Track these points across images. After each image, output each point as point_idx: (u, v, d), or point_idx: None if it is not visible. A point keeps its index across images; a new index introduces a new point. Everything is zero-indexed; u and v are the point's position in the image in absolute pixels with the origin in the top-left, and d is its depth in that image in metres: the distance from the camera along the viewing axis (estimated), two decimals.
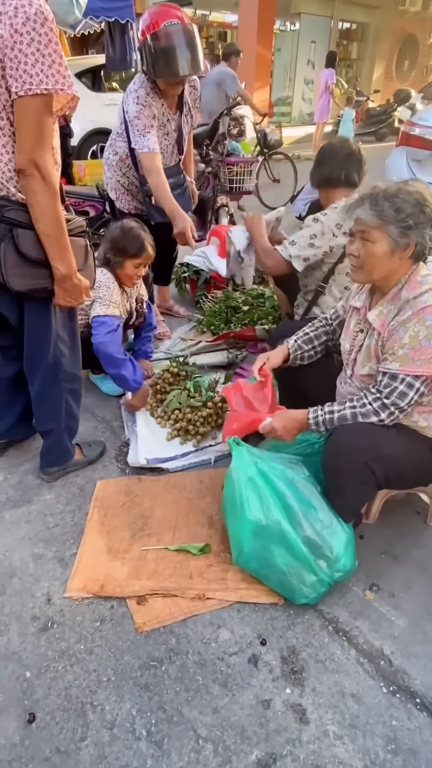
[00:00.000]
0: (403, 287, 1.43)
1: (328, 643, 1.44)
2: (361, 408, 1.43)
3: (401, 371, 1.38)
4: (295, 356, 1.79)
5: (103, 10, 6.17)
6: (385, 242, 1.37)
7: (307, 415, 1.52)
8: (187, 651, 1.41)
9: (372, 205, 1.36)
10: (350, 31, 14.18)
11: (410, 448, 1.48)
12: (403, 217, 1.33)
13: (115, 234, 2.25)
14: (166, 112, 2.48)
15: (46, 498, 1.93)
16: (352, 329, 1.62)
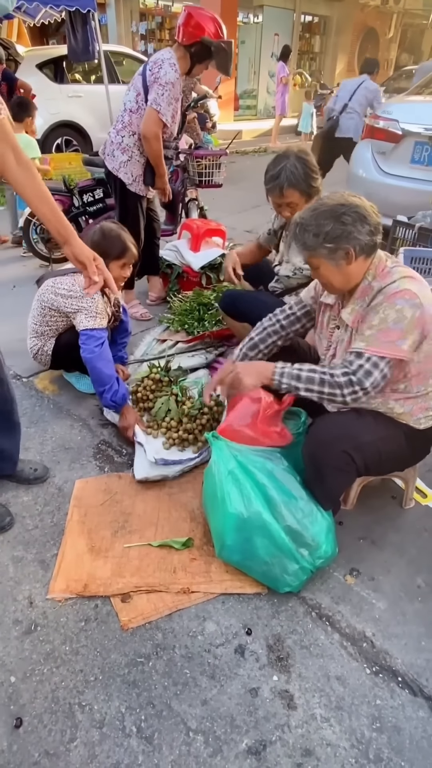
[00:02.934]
0: (372, 280, 1.47)
1: (312, 629, 1.47)
2: (330, 377, 1.44)
3: (366, 350, 1.41)
4: (259, 350, 1.81)
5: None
6: (324, 263, 1.46)
7: (275, 364, 1.53)
8: (174, 645, 1.41)
9: (296, 241, 1.48)
10: (312, 24, 14.26)
11: (387, 434, 1.51)
12: (322, 239, 1.41)
13: (95, 238, 2.20)
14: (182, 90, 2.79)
15: (24, 500, 1.89)
16: (327, 326, 1.65)
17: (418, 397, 1.51)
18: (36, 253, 4.08)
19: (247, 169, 7.25)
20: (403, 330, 1.38)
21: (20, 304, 2.49)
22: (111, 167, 2.88)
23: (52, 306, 2.24)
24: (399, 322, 1.38)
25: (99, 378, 2.10)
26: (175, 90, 2.62)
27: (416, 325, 1.38)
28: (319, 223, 1.40)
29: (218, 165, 4.16)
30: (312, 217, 1.42)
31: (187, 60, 2.68)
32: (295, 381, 1.49)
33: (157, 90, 2.61)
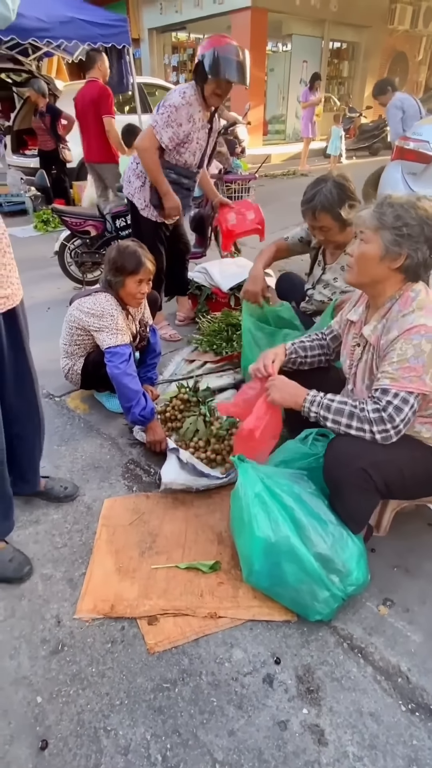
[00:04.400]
0: (395, 303, 1.45)
1: (344, 661, 1.42)
2: (360, 412, 1.41)
3: (393, 386, 1.38)
4: (290, 359, 1.80)
5: (100, 36, 6.31)
6: (377, 245, 1.41)
7: (307, 391, 1.52)
8: (201, 672, 1.39)
9: (376, 208, 1.42)
10: (341, 51, 14.48)
11: (411, 455, 1.47)
12: (399, 225, 1.37)
13: (111, 255, 2.26)
14: (203, 118, 2.72)
15: (54, 518, 1.91)
16: (350, 343, 1.63)
17: None
18: (70, 276, 4.21)
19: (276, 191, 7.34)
20: (425, 364, 1.36)
21: (54, 326, 2.57)
22: (127, 192, 2.98)
23: (78, 325, 2.30)
24: (418, 357, 1.36)
25: (125, 393, 2.13)
26: (177, 114, 2.57)
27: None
28: (408, 211, 1.37)
29: (247, 189, 4.23)
30: (405, 203, 1.39)
31: (200, 91, 2.63)
32: (325, 411, 1.46)
33: (158, 110, 2.63)
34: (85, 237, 3.99)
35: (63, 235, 4.09)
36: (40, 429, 1.81)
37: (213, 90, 2.61)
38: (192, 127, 2.66)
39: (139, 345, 2.53)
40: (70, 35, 6.06)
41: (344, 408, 1.44)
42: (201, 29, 12.65)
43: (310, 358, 1.82)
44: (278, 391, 1.57)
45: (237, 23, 11.10)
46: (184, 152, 2.74)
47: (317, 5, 11.91)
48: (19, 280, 1.57)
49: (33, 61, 7.17)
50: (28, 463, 1.84)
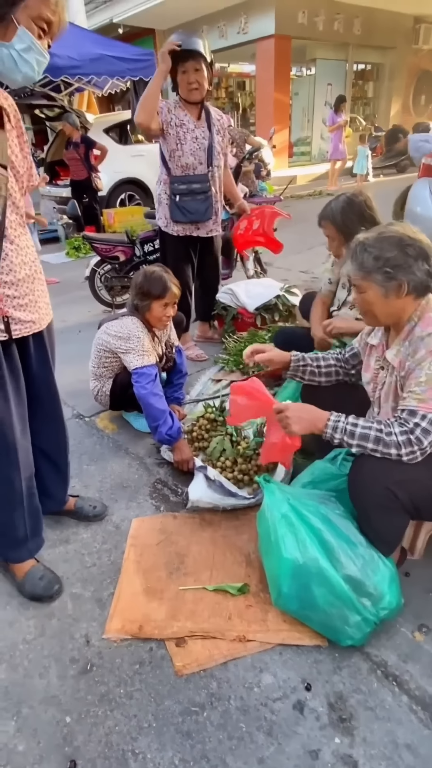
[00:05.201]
0: (416, 324, 1.43)
1: (378, 689, 1.37)
2: (387, 436, 1.37)
3: (420, 408, 1.35)
4: (297, 367, 1.77)
5: (129, 70, 6.61)
6: (375, 290, 1.41)
7: (328, 415, 1.45)
8: (229, 696, 1.36)
9: (353, 259, 1.43)
10: (365, 72, 14.62)
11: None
12: (382, 263, 1.37)
13: (138, 280, 2.33)
14: (191, 119, 2.85)
15: (83, 537, 1.94)
16: (373, 367, 1.61)
17: None
18: (100, 300, 4.34)
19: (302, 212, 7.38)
20: None
21: (85, 348, 2.64)
22: (156, 217, 3.12)
23: (106, 348, 2.37)
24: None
25: (152, 413, 2.16)
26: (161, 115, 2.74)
27: None
28: (382, 247, 1.37)
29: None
30: (376, 240, 1.39)
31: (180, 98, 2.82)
32: (348, 437, 1.41)
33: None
34: (115, 262, 4.11)
35: (93, 261, 4.22)
36: (65, 445, 1.86)
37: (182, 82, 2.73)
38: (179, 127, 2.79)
39: (166, 366, 2.57)
40: (100, 71, 6.37)
41: (369, 433, 1.38)
42: (226, 58, 13.03)
43: (324, 369, 1.78)
44: (296, 421, 1.47)
45: (261, 51, 11.40)
46: (182, 155, 2.83)
47: (340, 30, 12.12)
48: (48, 305, 1.64)
49: (65, 97, 7.53)
50: (55, 479, 1.88)
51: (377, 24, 12.62)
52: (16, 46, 1.25)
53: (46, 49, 1.32)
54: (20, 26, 1.23)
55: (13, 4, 1.21)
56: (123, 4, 11.73)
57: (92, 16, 12.22)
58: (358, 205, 2.08)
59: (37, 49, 1.28)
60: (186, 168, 2.87)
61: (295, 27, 11.21)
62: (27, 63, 1.28)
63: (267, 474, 1.61)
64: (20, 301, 1.47)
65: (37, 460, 1.74)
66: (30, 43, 1.26)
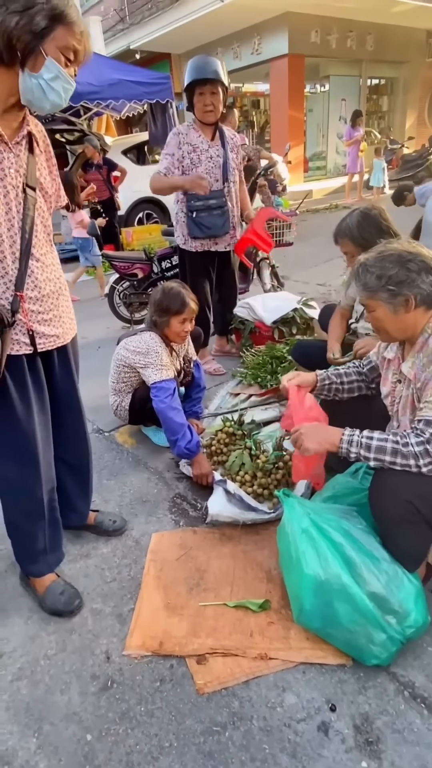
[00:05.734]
0: (430, 335, 1.42)
1: (405, 711, 1.32)
2: (404, 447, 1.35)
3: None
4: (323, 385, 1.77)
5: (145, 93, 6.79)
6: (383, 308, 1.42)
7: (342, 431, 1.44)
8: (252, 716, 1.33)
9: (357, 280, 1.45)
10: (379, 87, 14.71)
11: None
12: (385, 281, 1.38)
13: (157, 297, 2.37)
14: (205, 140, 2.93)
15: (103, 551, 1.94)
16: (390, 380, 1.60)
17: None
18: (119, 316, 4.40)
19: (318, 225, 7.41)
20: None
21: (104, 364, 2.68)
22: (174, 235, 3.20)
23: (125, 363, 2.39)
24: None
25: (171, 427, 2.17)
26: (168, 148, 2.89)
27: None
28: (383, 266, 1.39)
29: (288, 225, 4.31)
30: (377, 259, 1.42)
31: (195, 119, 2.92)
32: (365, 451, 1.39)
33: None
34: (133, 279, 4.18)
35: (112, 278, 4.30)
36: (88, 458, 1.87)
37: (198, 103, 2.82)
38: (193, 152, 2.88)
39: (184, 381, 2.58)
40: (118, 95, 6.56)
41: (386, 446, 1.37)
42: (241, 78, 13.26)
43: (347, 384, 1.78)
44: (310, 439, 1.47)
45: (275, 70, 11.57)
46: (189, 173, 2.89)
47: (353, 46, 12.24)
48: (73, 320, 1.68)
49: (85, 121, 7.76)
50: (78, 492, 1.89)
51: (390, 39, 12.71)
52: (44, 76, 1.30)
53: (73, 77, 1.36)
54: (48, 57, 1.28)
55: (42, 36, 1.26)
56: (140, 30, 12.07)
57: (110, 43, 12.61)
58: (374, 218, 2.08)
59: (64, 77, 1.32)
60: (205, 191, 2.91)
61: (308, 46, 11.37)
62: (54, 91, 1.33)
63: (287, 488, 1.59)
64: (45, 316, 1.52)
65: (61, 473, 1.76)
66: (57, 73, 1.31)
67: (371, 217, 2.09)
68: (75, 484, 1.87)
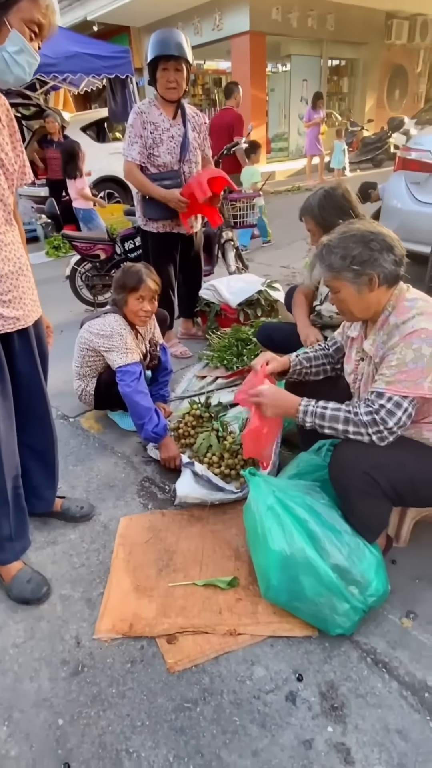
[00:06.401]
0: (391, 313, 1.46)
1: (368, 676, 1.38)
2: (354, 416, 1.42)
3: (387, 390, 1.38)
4: (294, 370, 1.80)
5: (104, 68, 6.54)
6: (347, 287, 1.45)
7: (300, 400, 1.52)
8: (222, 690, 1.37)
9: (321, 261, 1.47)
10: (340, 68, 14.71)
11: (418, 459, 1.45)
12: (349, 261, 1.41)
13: (117, 275, 2.34)
14: (166, 118, 2.85)
15: (71, 538, 1.92)
16: (354, 358, 1.64)
17: None
18: (81, 299, 4.30)
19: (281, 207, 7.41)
20: (423, 369, 1.35)
21: (67, 348, 2.61)
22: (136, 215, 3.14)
23: (89, 347, 2.34)
24: (418, 361, 1.35)
25: (137, 411, 2.15)
26: (133, 130, 2.79)
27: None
28: (347, 246, 1.41)
29: (252, 206, 4.29)
30: (340, 240, 1.43)
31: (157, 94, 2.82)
32: (319, 419, 1.47)
33: (125, 138, 2.90)
34: (95, 260, 4.08)
35: (74, 260, 4.18)
36: (53, 444, 1.84)
37: (161, 79, 2.73)
38: (155, 131, 2.80)
39: (150, 364, 2.56)
40: (75, 69, 6.30)
41: (339, 414, 1.44)
42: (202, 55, 12.98)
43: (315, 368, 1.82)
44: (270, 406, 1.56)
45: (236, 48, 11.39)
46: (159, 155, 2.84)
47: (314, 26, 12.16)
48: (36, 302, 1.62)
49: (41, 95, 7.43)
50: (43, 478, 1.86)
51: (350, 20, 12.69)
52: (8, 48, 1.26)
53: (37, 51, 1.33)
54: (12, 29, 1.25)
55: (6, 7, 1.23)
56: (96, 1, 11.59)
57: (66, 13, 12.06)
58: (336, 198, 2.09)
59: (29, 51, 1.29)
60: (163, 167, 2.88)
61: (269, 23, 11.22)
62: (19, 66, 1.30)
63: (253, 468, 1.61)
64: (3, 297, 1.47)
65: (25, 459, 1.72)
66: (22, 46, 1.27)
67: (334, 197, 2.10)
68: (40, 471, 1.84)
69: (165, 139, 2.83)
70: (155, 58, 2.69)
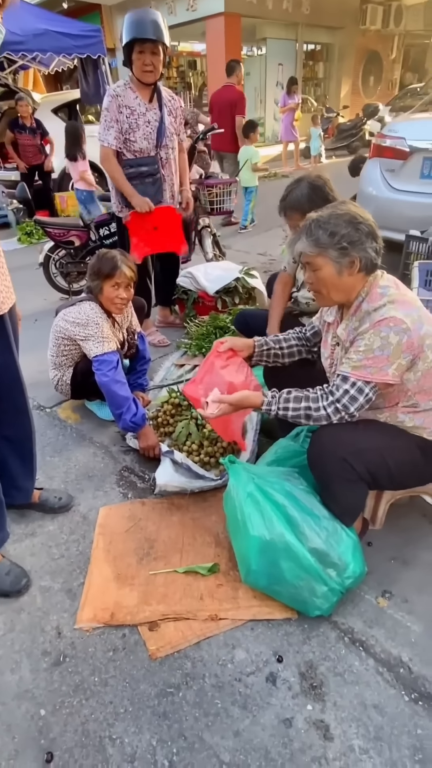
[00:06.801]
0: (364, 299, 1.47)
1: (346, 655, 1.42)
2: (315, 411, 1.45)
3: (352, 375, 1.41)
4: (261, 351, 1.79)
5: (75, 47, 6.33)
6: (329, 266, 1.44)
7: (261, 403, 1.52)
8: (204, 674, 1.39)
9: (308, 236, 1.45)
10: (315, 52, 14.63)
11: (394, 444, 1.48)
12: (338, 239, 1.40)
13: (92, 262, 2.29)
14: (142, 102, 2.79)
15: (49, 529, 1.91)
16: (330, 343, 1.66)
17: (428, 410, 1.48)
18: (56, 287, 4.21)
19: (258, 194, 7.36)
20: (388, 356, 1.37)
21: (42, 337, 2.56)
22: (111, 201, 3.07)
23: (64, 335, 2.30)
24: (384, 348, 1.37)
25: (115, 401, 2.13)
26: (109, 113, 2.73)
27: (404, 350, 1.37)
28: (337, 224, 1.40)
29: (228, 192, 4.25)
30: (331, 216, 1.42)
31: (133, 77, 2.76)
32: (283, 412, 1.50)
33: (100, 122, 2.83)
34: (69, 247, 3.99)
35: (47, 247, 4.09)
36: (31, 434, 1.81)
37: (137, 61, 2.67)
38: (131, 115, 2.74)
39: (128, 353, 2.53)
40: (45, 47, 6.08)
41: (299, 410, 1.47)
42: (176, 36, 12.73)
43: (287, 349, 1.82)
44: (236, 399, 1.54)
45: (211, 29, 11.20)
46: (135, 141, 2.78)
47: (289, 9, 12.05)
48: (9, 289, 1.59)
49: (9, 75, 7.17)
50: (21, 469, 1.83)
51: (325, 3, 12.62)
52: None
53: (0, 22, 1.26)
54: None
55: None
56: None
57: None
58: (322, 190, 2.05)
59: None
60: (140, 153, 2.83)
61: (245, 5, 11.05)
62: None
63: (232, 455, 1.62)
64: None
65: (2, 450, 1.70)
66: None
67: (320, 189, 2.05)
68: (17, 462, 1.81)
69: (141, 124, 2.77)
70: (132, 42, 2.61)
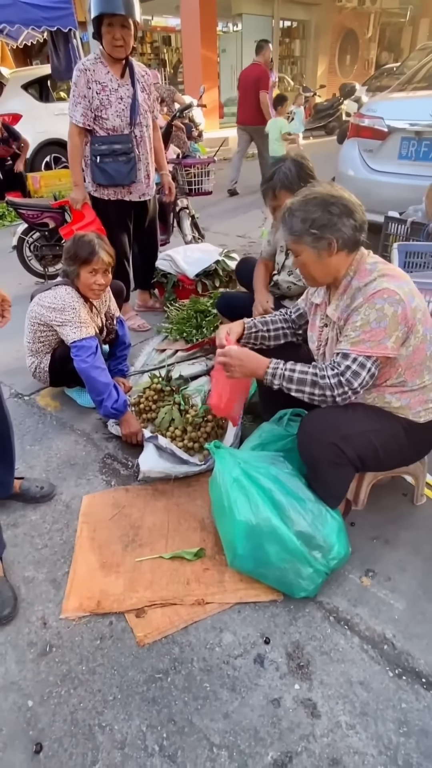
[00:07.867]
0: (352, 278, 1.47)
1: (331, 634, 1.45)
2: (321, 379, 1.44)
3: (352, 351, 1.41)
4: (250, 333, 1.79)
5: (44, 19, 6.06)
6: (308, 251, 1.46)
7: (268, 362, 1.52)
8: (192, 659, 1.39)
9: (284, 225, 1.47)
10: (292, 29, 14.39)
11: (381, 427, 1.50)
12: (309, 225, 1.41)
13: (68, 245, 2.21)
14: (114, 78, 2.71)
15: (32, 519, 1.87)
16: (318, 325, 1.65)
17: (415, 390, 1.49)
18: (31, 270, 4.09)
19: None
20: (386, 328, 1.37)
21: (18, 322, 2.47)
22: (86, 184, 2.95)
23: (40, 321, 2.24)
24: (381, 320, 1.37)
25: (95, 387, 2.09)
26: (77, 89, 2.65)
27: (399, 321, 1.38)
28: (307, 209, 1.41)
29: (207, 173, 4.18)
30: (302, 203, 1.43)
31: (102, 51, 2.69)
32: (287, 382, 1.48)
33: (69, 98, 2.77)
34: (44, 229, 3.87)
35: (21, 229, 3.96)
36: (7, 424, 1.76)
37: (106, 35, 2.59)
38: (102, 91, 2.66)
39: (108, 338, 2.48)
40: (12, 19, 5.81)
41: (306, 378, 1.46)
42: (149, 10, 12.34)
43: (273, 332, 1.81)
44: (238, 367, 1.55)
45: (186, 3, 10.86)
46: (107, 118, 2.71)
47: None
48: None
49: None
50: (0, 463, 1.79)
51: None
52: None
53: None
54: None
55: None
56: None
57: None
58: (307, 168, 2.04)
59: None
60: (113, 131, 2.74)
61: None
62: None
63: (217, 440, 1.61)
64: None
65: None
66: None
67: (305, 168, 2.04)
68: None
69: (113, 101, 2.68)
70: (101, 15, 2.52)
